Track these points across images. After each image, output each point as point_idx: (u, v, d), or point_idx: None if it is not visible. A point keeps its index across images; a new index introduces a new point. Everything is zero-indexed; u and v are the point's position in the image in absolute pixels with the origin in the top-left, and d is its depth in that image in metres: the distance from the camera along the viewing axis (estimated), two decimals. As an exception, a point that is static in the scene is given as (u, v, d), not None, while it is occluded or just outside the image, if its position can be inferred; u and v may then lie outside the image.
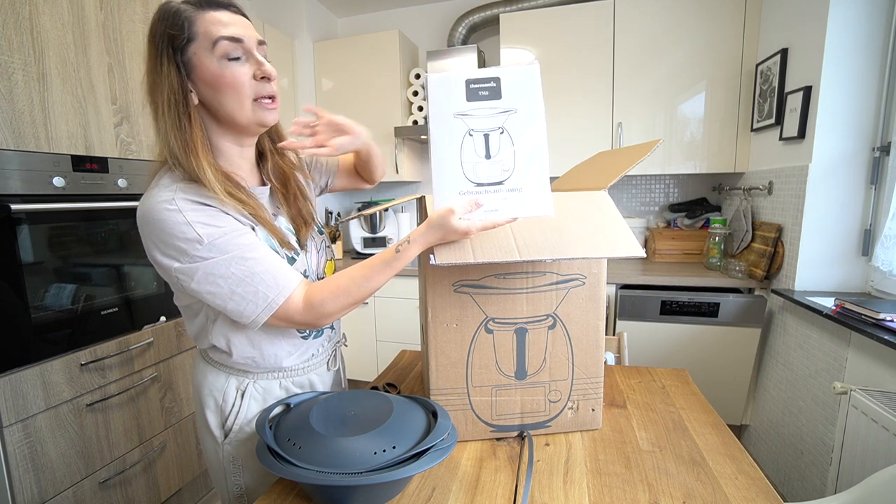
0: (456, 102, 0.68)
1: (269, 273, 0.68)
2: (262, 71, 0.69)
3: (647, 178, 2.51)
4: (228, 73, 0.66)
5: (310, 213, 0.85)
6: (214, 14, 0.66)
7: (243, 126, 0.71)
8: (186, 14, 0.65)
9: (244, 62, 0.68)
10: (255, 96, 0.69)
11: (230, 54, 0.66)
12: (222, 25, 0.66)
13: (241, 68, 0.67)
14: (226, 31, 0.65)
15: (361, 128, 0.85)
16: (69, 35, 1.30)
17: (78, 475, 1.33)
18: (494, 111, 0.68)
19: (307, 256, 0.82)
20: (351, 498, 0.62)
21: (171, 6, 0.65)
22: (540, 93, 0.68)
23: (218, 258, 0.66)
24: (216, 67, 0.66)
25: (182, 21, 0.64)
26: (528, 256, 0.67)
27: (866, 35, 1.47)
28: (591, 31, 2.17)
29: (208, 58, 0.66)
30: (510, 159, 0.68)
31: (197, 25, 0.65)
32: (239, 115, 0.69)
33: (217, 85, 0.67)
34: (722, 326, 1.86)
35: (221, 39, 0.65)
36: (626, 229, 0.72)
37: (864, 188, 1.54)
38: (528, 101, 0.68)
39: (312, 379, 0.87)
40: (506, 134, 0.68)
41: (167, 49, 0.65)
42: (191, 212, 0.65)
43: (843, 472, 1.23)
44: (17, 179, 1.19)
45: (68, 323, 1.32)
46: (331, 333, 0.90)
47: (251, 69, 0.68)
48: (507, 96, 0.68)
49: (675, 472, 0.71)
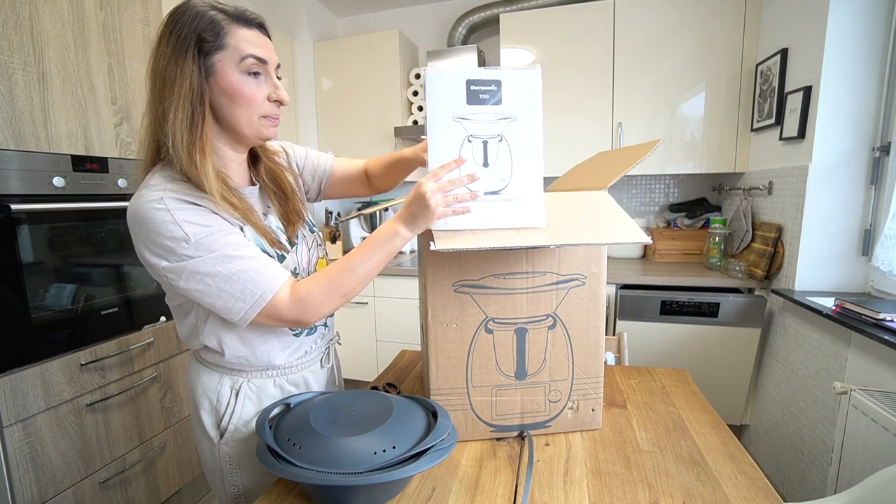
0: (456, 104, 0.68)
1: (257, 270, 0.69)
2: (277, 95, 0.73)
3: (647, 178, 2.51)
4: (247, 89, 0.70)
5: (300, 212, 0.86)
6: (248, 31, 0.69)
7: (245, 136, 0.74)
8: (222, 23, 0.67)
9: (262, 81, 0.71)
10: (264, 114, 0.73)
11: (252, 70, 0.69)
12: (252, 44, 0.69)
13: (258, 86, 0.71)
14: (255, 51, 0.69)
15: None
16: (69, 35, 1.30)
17: (78, 475, 1.33)
18: (494, 117, 0.68)
19: (297, 254, 0.83)
20: (351, 498, 0.62)
21: (203, 9, 0.67)
22: (540, 99, 0.68)
23: (205, 256, 0.66)
24: (237, 80, 0.69)
25: (218, 29, 0.67)
26: (530, 242, 0.66)
27: (866, 35, 1.47)
28: (592, 30, 2.17)
29: (232, 69, 0.68)
30: (507, 169, 0.68)
31: (230, 37, 0.68)
32: (245, 127, 0.72)
33: (234, 96, 0.69)
34: (722, 326, 1.86)
35: (250, 57, 0.69)
36: (628, 219, 0.71)
37: (864, 188, 1.54)
38: (528, 109, 0.68)
39: (306, 377, 0.87)
40: (504, 142, 0.68)
41: (193, 48, 0.66)
42: (178, 211, 0.66)
43: (843, 472, 1.23)
44: (17, 179, 1.19)
45: (68, 323, 1.32)
46: (324, 331, 0.91)
47: (267, 90, 0.72)
48: (508, 102, 0.68)
49: (675, 472, 0.71)
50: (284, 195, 0.84)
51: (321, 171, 1.00)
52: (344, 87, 2.63)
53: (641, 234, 0.67)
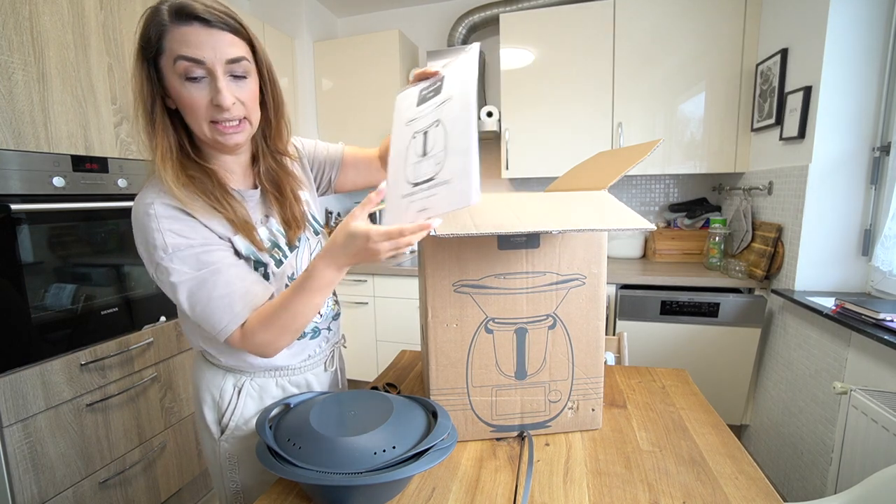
0: (408, 111, 0.67)
1: (228, 298, 0.68)
2: (216, 100, 0.65)
3: (647, 178, 2.51)
4: (185, 94, 0.64)
5: (302, 215, 0.83)
6: (184, 29, 0.62)
7: (207, 144, 0.71)
8: (162, 24, 0.63)
9: (205, 84, 0.65)
10: (210, 119, 0.67)
11: (189, 74, 0.63)
12: (186, 44, 0.62)
13: (198, 91, 0.64)
14: (187, 51, 0.62)
15: None
16: (69, 35, 1.30)
17: (78, 475, 1.33)
18: (434, 106, 0.65)
19: (297, 259, 0.81)
20: (351, 498, 0.62)
21: (156, 10, 0.63)
22: (474, 73, 0.63)
23: (181, 270, 0.66)
24: (177, 85, 0.64)
25: (153, 33, 0.63)
26: (531, 228, 0.65)
27: (866, 35, 1.47)
28: (592, 30, 2.17)
29: (171, 74, 0.64)
30: (442, 151, 0.60)
31: (166, 39, 0.63)
32: (199, 133, 0.68)
33: (178, 102, 0.66)
34: (722, 326, 1.86)
35: (180, 59, 0.62)
36: (629, 210, 0.71)
37: (864, 188, 1.54)
38: (462, 84, 0.63)
39: (309, 378, 0.87)
40: (441, 126, 0.62)
41: (142, 55, 0.64)
42: (165, 219, 0.66)
43: (843, 472, 1.23)
44: (17, 179, 1.19)
45: (68, 323, 1.32)
46: (328, 334, 0.90)
47: (210, 93, 0.65)
48: (447, 87, 0.65)
49: (675, 472, 0.71)
50: (285, 198, 0.81)
51: (330, 162, 0.96)
52: (344, 87, 2.63)
53: (644, 221, 0.66)
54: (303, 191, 0.87)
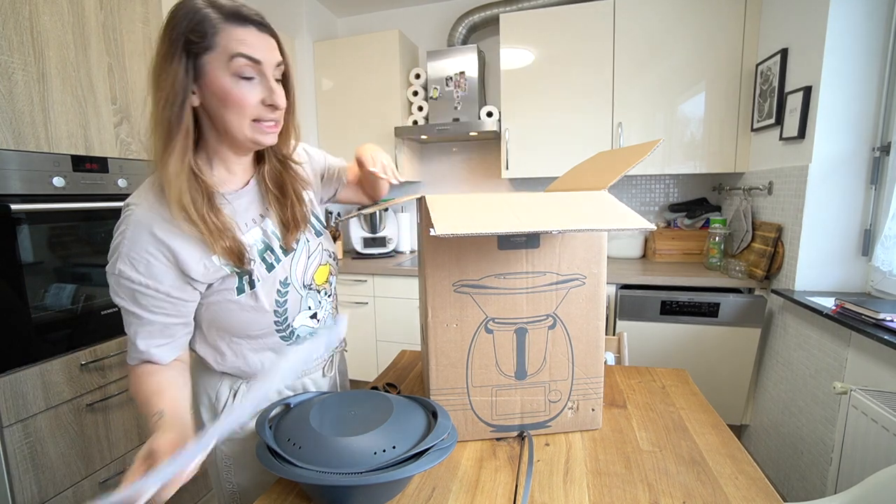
0: None
1: (135, 339, 0.71)
2: (270, 99, 0.68)
3: (647, 178, 2.51)
4: (237, 92, 0.65)
5: (303, 217, 0.82)
6: (240, 30, 0.64)
7: (239, 142, 0.71)
8: (212, 22, 0.63)
9: (256, 84, 0.67)
10: (256, 118, 0.69)
11: (243, 73, 0.65)
12: (245, 44, 0.64)
13: (251, 90, 0.66)
14: (247, 50, 0.64)
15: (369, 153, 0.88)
16: (69, 35, 1.30)
17: (78, 475, 1.33)
18: None
19: (292, 263, 0.79)
20: (351, 498, 0.62)
21: (197, 6, 0.63)
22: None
23: (118, 292, 0.69)
24: (227, 83, 0.65)
25: (206, 29, 0.63)
26: (531, 228, 0.64)
27: (866, 35, 1.47)
28: (592, 30, 2.17)
29: (222, 71, 0.64)
30: None
31: (220, 37, 0.63)
32: (237, 131, 0.69)
33: (224, 100, 0.66)
34: (722, 326, 1.86)
35: (239, 56, 0.64)
36: (629, 210, 0.70)
37: (864, 188, 1.54)
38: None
39: (306, 384, 0.88)
40: None
41: (182, 49, 0.63)
42: (129, 240, 0.66)
43: (843, 472, 1.23)
44: (17, 179, 1.19)
45: (68, 323, 1.32)
46: None
47: (261, 93, 0.67)
48: None
49: (675, 472, 0.71)
50: (286, 199, 0.80)
51: (337, 178, 0.97)
52: (344, 87, 2.63)
53: (644, 221, 0.66)
54: (307, 191, 0.86)
